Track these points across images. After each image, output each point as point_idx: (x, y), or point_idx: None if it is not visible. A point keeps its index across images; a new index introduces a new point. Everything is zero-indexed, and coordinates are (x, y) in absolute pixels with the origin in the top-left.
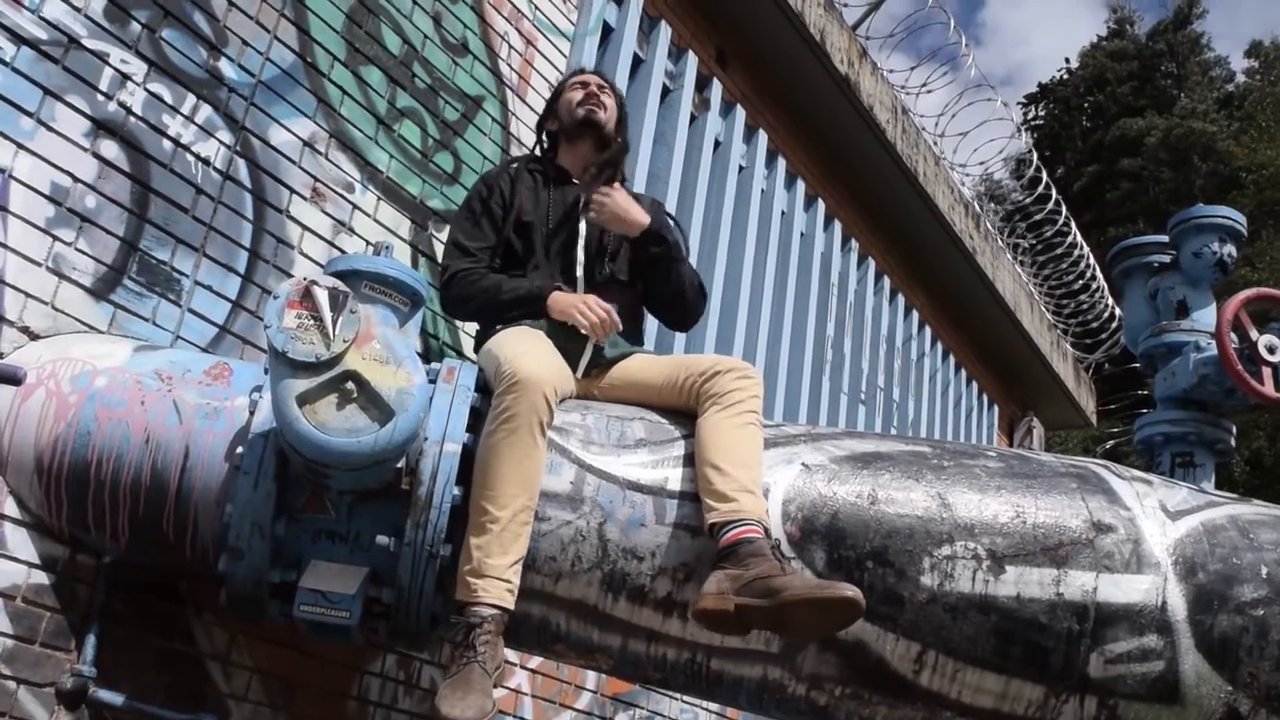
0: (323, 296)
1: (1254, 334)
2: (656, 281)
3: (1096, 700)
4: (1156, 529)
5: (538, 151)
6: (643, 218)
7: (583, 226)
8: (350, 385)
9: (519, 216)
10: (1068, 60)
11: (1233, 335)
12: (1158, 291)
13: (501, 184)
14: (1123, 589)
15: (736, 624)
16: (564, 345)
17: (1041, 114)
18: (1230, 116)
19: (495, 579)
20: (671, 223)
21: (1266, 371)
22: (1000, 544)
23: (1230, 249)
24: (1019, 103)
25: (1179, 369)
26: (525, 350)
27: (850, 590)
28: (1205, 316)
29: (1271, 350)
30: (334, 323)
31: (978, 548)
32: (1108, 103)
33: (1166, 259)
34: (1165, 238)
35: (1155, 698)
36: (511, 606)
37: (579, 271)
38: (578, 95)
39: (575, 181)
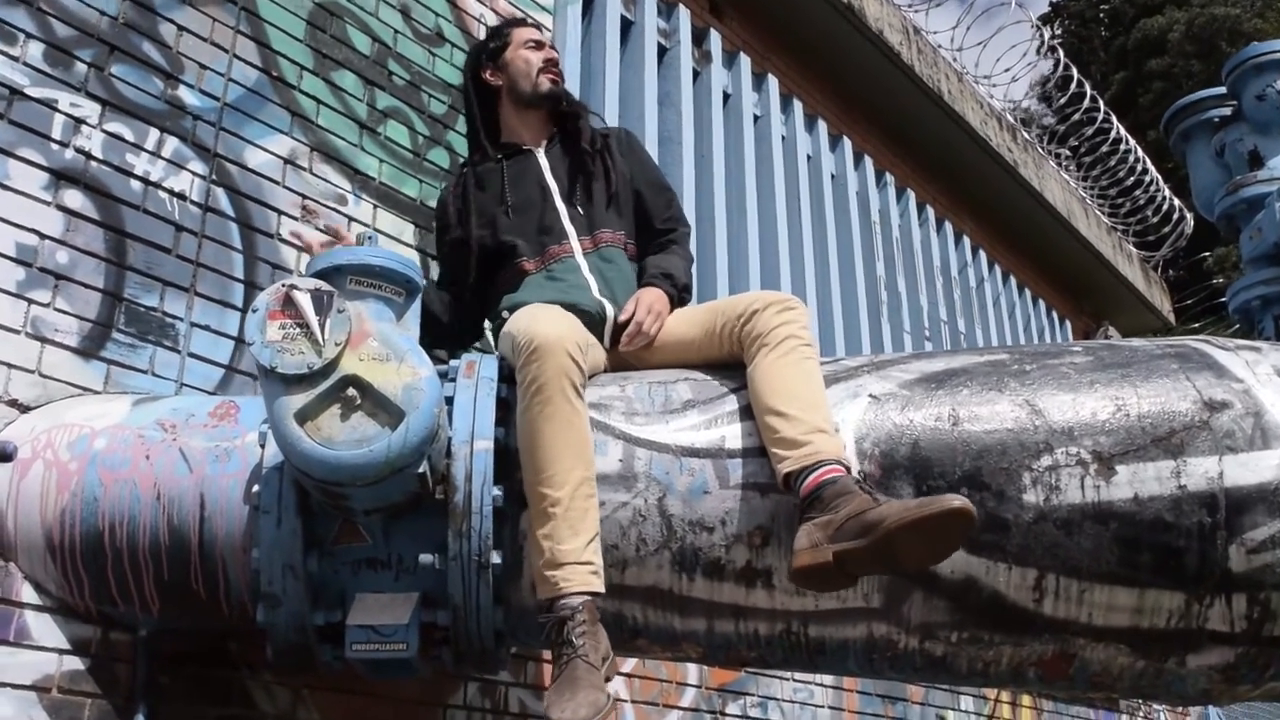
0: (305, 300)
1: None
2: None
3: (1245, 597)
4: (1276, 396)
5: (476, 116)
6: (666, 306)
7: (552, 185)
8: (352, 392)
9: (479, 211)
10: None
11: None
12: (1224, 147)
13: (450, 200)
14: (1251, 468)
15: (840, 575)
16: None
17: (1059, 32)
18: None
19: (574, 564)
20: (648, 160)
21: None
22: (1105, 443)
23: None
24: (1034, 25)
25: (1265, 223)
26: (538, 316)
27: (957, 500)
28: None
29: None
30: (322, 327)
31: (1081, 452)
32: (1124, 7)
33: (1227, 111)
34: (1222, 90)
35: None
36: (601, 588)
37: (569, 229)
38: (535, 59)
39: (525, 148)
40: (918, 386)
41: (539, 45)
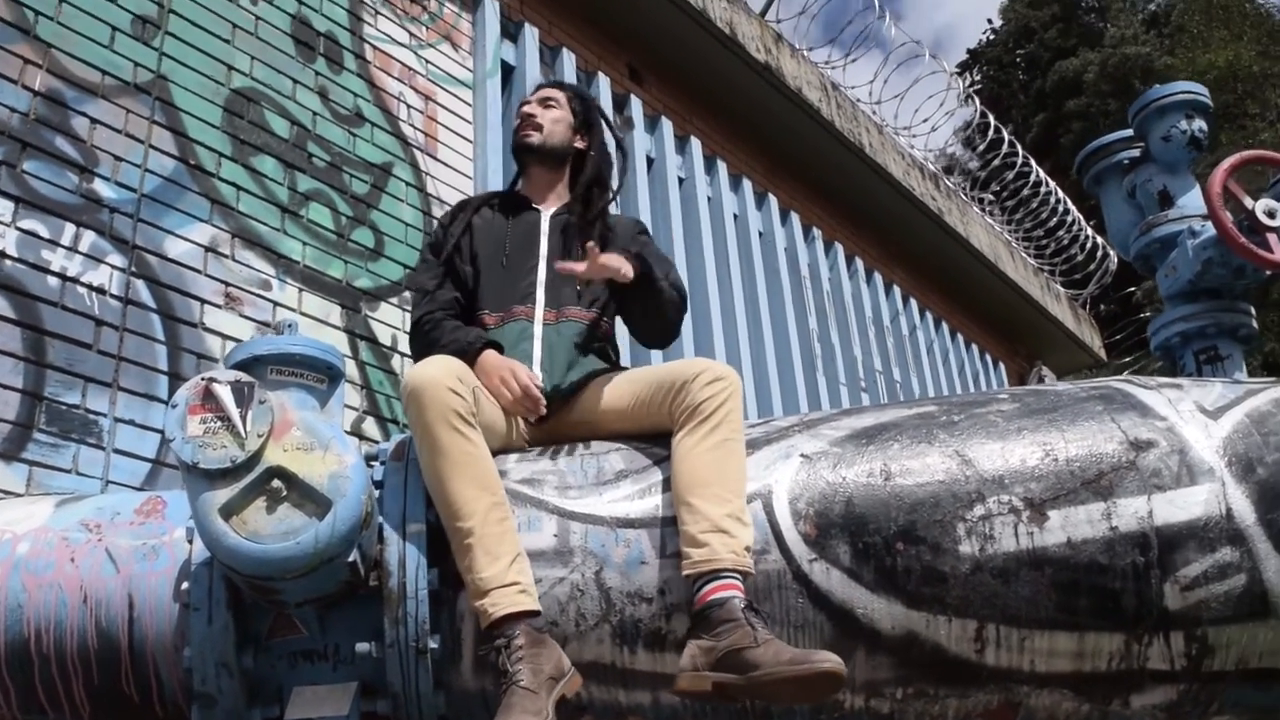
0: (225, 393)
1: (1248, 202)
2: (638, 311)
3: (1183, 635)
4: (1200, 432)
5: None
6: (628, 270)
7: (543, 248)
8: (277, 483)
9: (471, 249)
10: (990, 21)
11: (1226, 210)
12: (1135, 188)
13: (454, 223)
14: (1180, 506)
15: (718, 699)
16: None
17: (978, 78)
18: (1160, 35)
19: (499, 588)
20: (650, 243)
21: (1272, 238)
22: (1036, 489)
23: (1200, 123)
24: (953, 72)
25: (1179, 261)
26: (417, 367)
27: (827, 663)
28: (1191, 200)
29: (1271, 215)
30: (244, 419)
31: (1012, 499)
32: (1039, 51)
33: (1136, 153)
34: (1129, 132)
35: (1245, 615)
36: (533, 606)
37: (540, 295)
38: (516, 121)
39: (535, 207)
40: (848, 443)
41: (527, 102)
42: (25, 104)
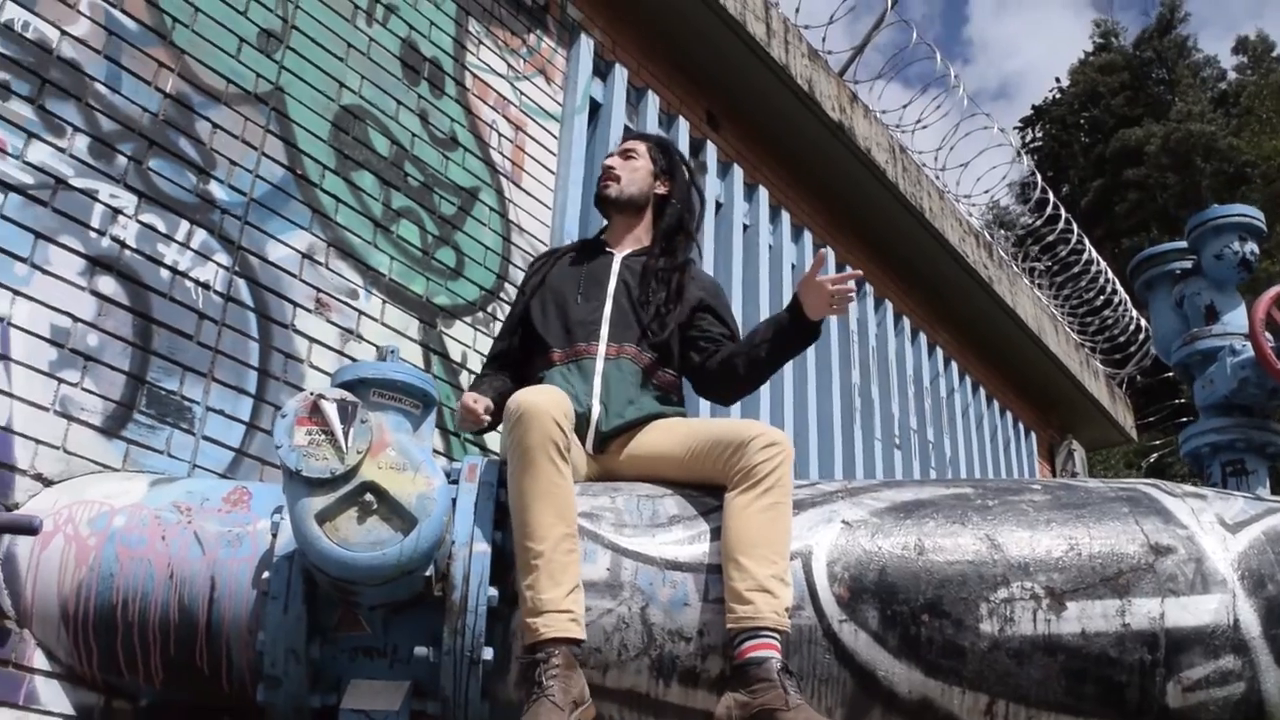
0: (331, 410)
1: None
2: (735, 363)
3: None
4: (1217, 544)
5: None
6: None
7: (611, 287)
8: (369, 497)
9: (544, 293)
10: (1058, 80)
11: (1267, 334)
12: (1183, 299)
13: (535, 273)
14: (1191, 611)
15: None
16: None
17: (1039, 135)
18: (1227, 114)
19: (553, 612)
20: (726, 302)
21: None
22: (1058, 580)
23: (1252, 246)
24: (1015, 126)
25: (1216, 375)
26: (531, 389)
27: None
28: (1235, 318)
29: None
30: (346, 435)
31: (1035, 587)
32: (1104, 116)
33: (1188, 264)
34: (1184, 244)
35: None
36: (579, 635)
37: (604, 331)
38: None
39: (610, 250)
40: (888, 515)
41: (610, 155)
42: (156, 105)
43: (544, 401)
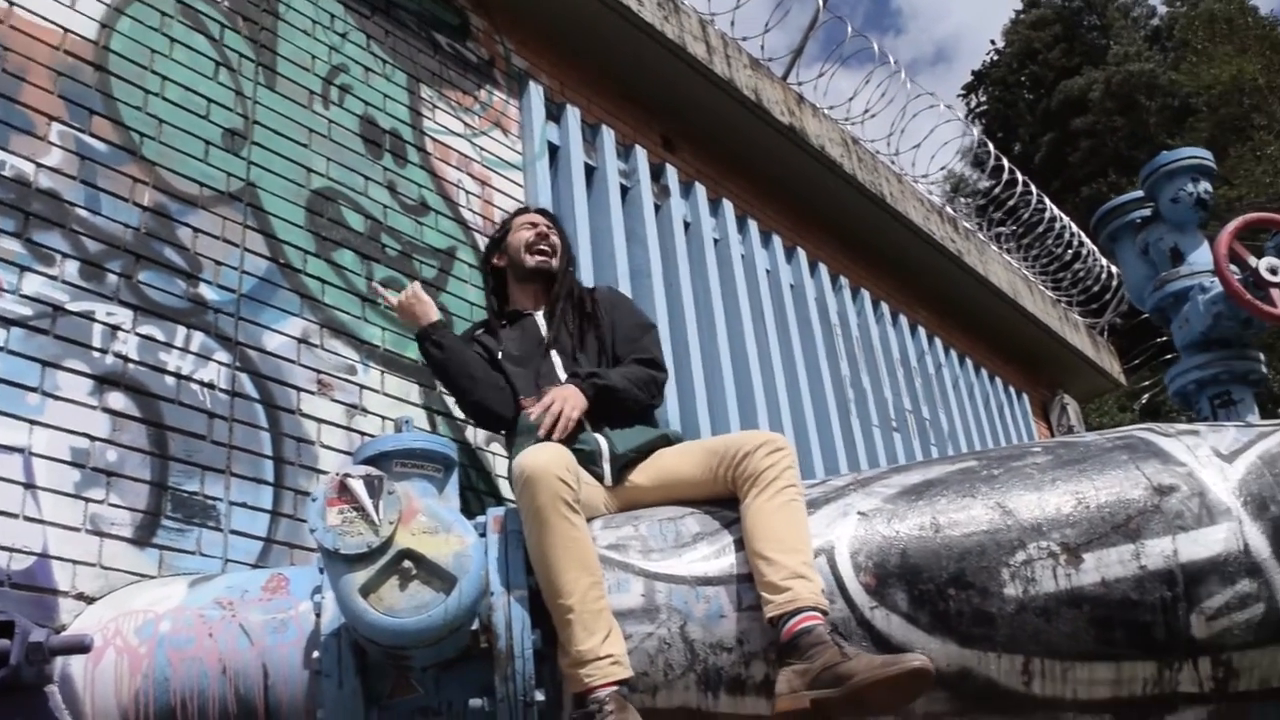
0: (359, 486)
1: (1252, 261)
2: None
3: (1210, 660)
4: (1217, 475)
5: (488, 292)
6: (580, 401)
7: (548, 340)
8: (408, 564)
9: (500, 348)
10: (994, 42)
11: (1232, 267)
12: (1148, 246)
13: (476, 333)
14: (1202, 544)
15: (816, 718)
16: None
17: (984, 100)
18: (1163, 50)
19: (594, 660)
20: (623, 308)
21: (1275, 293)
22: (1071, 535)
23: (1205, 185)
24: (959, 95)
25: (1191, 314)
26: (529, 452)
27: (917, 660)
28: (1200, 257)
29: (1274, 271)
30: (376, 508)
31: (1050, 545)
32: (1043, 71)
33: (1147, 212)
34: (1140, 193)
35: (1267, 640)
36: (627, 674)
37: (562, 375)
38: (528, 236)
39: (526, 312)
40: (900, 500)
41: (532, 225)
42: (137, 219)
43: (546, 460)
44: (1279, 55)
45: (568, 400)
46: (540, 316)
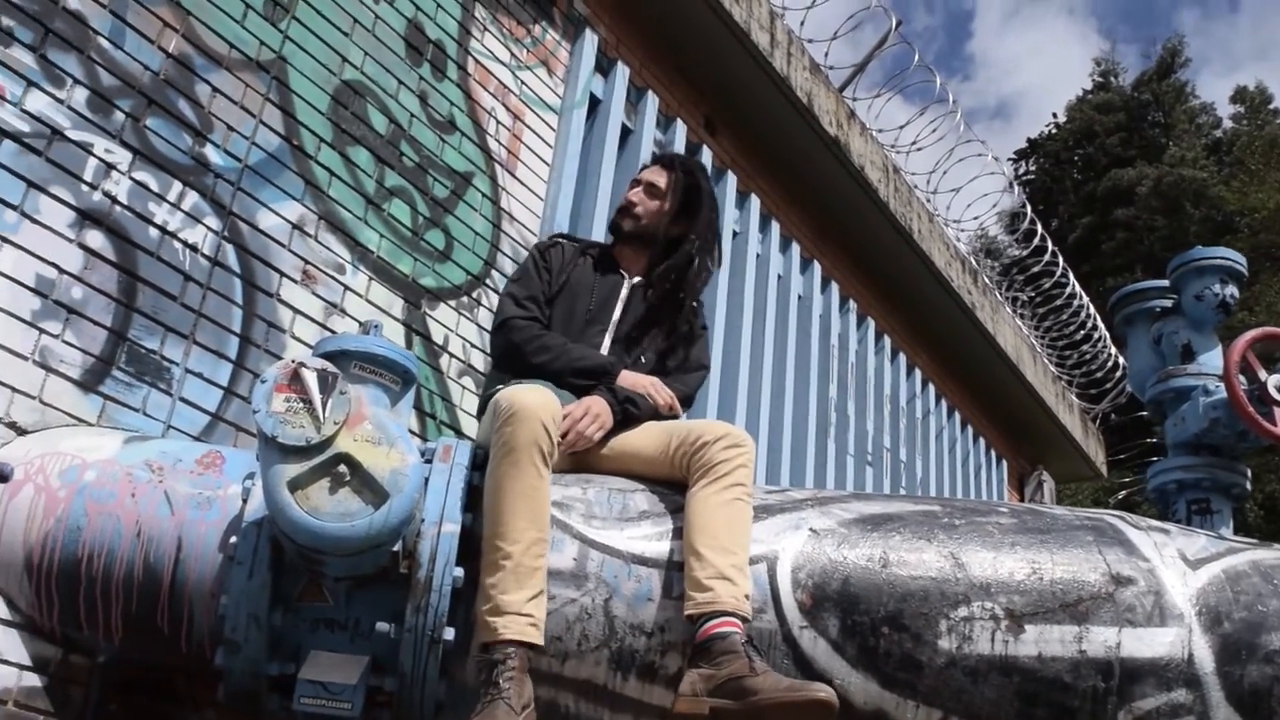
0: (312, 379)
1: (1262, 374)
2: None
3: None
4: (1177, 579)
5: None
6: (608, 421)
7: (616, 314)
8: (342, 468)
9: (564, 286)
10: (1055, 115)
11: (1241, 377)
12: (1161, 337)
13: (554, 253)
14: (1147, 643)
15: None
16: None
17: (1032, 169)
18: (1219, 162)
19: (514, 614)
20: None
21: (1278, 412)
22: (1018, 602)
23: (1232, 290)
24: (1009, 158)
25: (1188, 414)
26: (522, 387)
27: (823, 692)
28: (1211, 359)
29: None
30: (324, 405)
31: (995, 607)
32: (1098, 154)
33: (1168, 303)
34: (1166, 282)
35: None
36: (537, 640)
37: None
38: (626, 195)
39: (621, 273)
40: (855, 526)
41: (636, 183)
42: (158, 64)
43: (535, 402)
44: None
45: (599, 418)
46: (627, 285)
